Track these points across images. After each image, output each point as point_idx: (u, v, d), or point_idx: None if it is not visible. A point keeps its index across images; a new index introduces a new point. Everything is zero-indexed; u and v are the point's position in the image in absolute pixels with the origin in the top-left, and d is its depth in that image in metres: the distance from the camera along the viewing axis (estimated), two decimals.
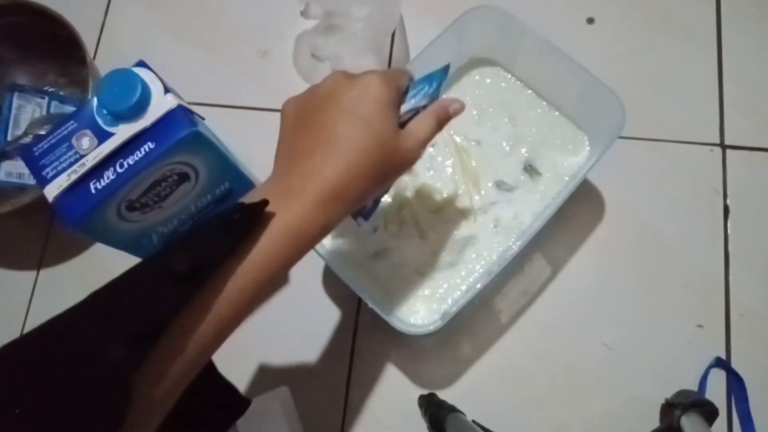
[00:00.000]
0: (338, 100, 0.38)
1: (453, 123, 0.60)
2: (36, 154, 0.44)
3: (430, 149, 0.60)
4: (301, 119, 0.39)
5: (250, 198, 0.36)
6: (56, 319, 0.30)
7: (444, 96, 0.44)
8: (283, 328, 0.60)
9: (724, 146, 0.62)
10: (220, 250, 0.33)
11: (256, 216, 0.34)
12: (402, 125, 0.41)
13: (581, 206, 0.60)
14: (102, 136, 0.43)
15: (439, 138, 0.60)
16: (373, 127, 0.38)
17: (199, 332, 0.32)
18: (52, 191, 0.43)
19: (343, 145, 0.37)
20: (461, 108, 0.44)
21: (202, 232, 0.34)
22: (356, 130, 0.37)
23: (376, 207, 0.48)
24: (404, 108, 0.42)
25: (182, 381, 0.32)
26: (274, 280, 0.35)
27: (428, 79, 0.44)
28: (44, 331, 0.30)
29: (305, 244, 0.36)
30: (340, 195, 0.37)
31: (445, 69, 0.45)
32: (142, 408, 0.29)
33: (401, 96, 0.42)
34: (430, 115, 0.42)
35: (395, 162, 0.40)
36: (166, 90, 0.45)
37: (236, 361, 0.59)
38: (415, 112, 0.42)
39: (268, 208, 0.35)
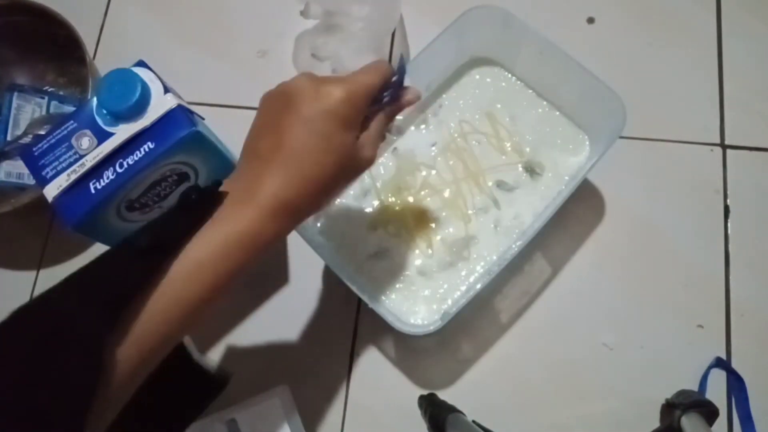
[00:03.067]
0: (299, 108, 0.38)
1: (453, 124, 0.61)
2: (35, 154, 0.44)
3: (431, 149, 0.60)
4: (267, 119, 0.39)
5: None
6: (35, 299, 0.33)
7: (409, 86, 0.45)
8: (283, 328, 0.60)
9: (724, 146, 0.62)
10: (177, 228, 0.35)
11: (212, 198, 0.36)
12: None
13: (582, 206, 0.60)
14: (102, 136, 0.43)
15: (439, 138, 0.61)
16: (331, 142, 0.38)
17: (165, 305, 0.34)
18: (51, 191, 0.43)
19: (299, 157, 0.37)
20: (415, 98, 0.44)
21: (164, 212, 0.37)
22: (314, 144, 0.37)
23: None
24: (377, 106, 0.42)
25: (152, 352, 0.34)
26: (229, 280, 0.36)
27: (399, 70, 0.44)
28: (24, 309, 0.32)
29: (256, 251, 0.37)
30: (294, 206, 0.38)
31: (402, 61, 0.44)
32: (114, 371, 0.31)
33: (374, 97, 0.41)
34: (383, 117, 0.43)
35: (350, 173, 0.41)
36: (166, 90, 0.45)
37: (235, 361, 0.59)
38: (384, 103, 0.43)
39: (226, 210, 0.36)
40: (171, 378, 0.37)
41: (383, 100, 0.42)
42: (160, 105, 0.44)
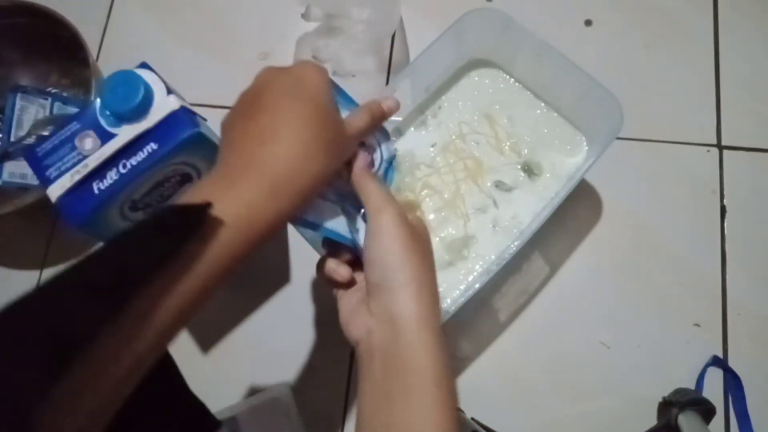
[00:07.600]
0: (276, 86, 0.36)
1: (452, 125, 0.62)
2: (39, 154, 0.45)
3: (431, 150, 0.61)
4: (240, 112, 0.37)
5: (192, 193, 0.32)
6: None
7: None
8: (283, 327, 0.60)
9: (721, 147, 0.62)
10: (150, 258, 0.28)
11: (196, 219, 0.30)
12: None
13: (579, 206, 0.61)
14: (105, 136, 0.44)
15: (439, 139, 0.61)
16: (317, 102, 0.36)
17: (132, 350, 0.28)
18: (55, 192, 0.43)
19: (293, 126, 0.35)
20: (395, 105, 0.42)
21: (131, 237, 0.29)
22: (302, 109, 0.35)
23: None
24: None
25: (109, 405, 0.28)
26: (225, 276, 0.31)
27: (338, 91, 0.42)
28: None
29: (259, 235, 0.32)
30: (295, 178, 0.34)
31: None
32: None
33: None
34: (365, 110, 0.40)
35: (341, 142, 0.37)
36: (169, 91, 0.45)
37: (237, 359, 0.59)
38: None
39: (212, 198, 0.31)
40: (164, 407, 0.34)
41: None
42: (162, 106, 0.44)
